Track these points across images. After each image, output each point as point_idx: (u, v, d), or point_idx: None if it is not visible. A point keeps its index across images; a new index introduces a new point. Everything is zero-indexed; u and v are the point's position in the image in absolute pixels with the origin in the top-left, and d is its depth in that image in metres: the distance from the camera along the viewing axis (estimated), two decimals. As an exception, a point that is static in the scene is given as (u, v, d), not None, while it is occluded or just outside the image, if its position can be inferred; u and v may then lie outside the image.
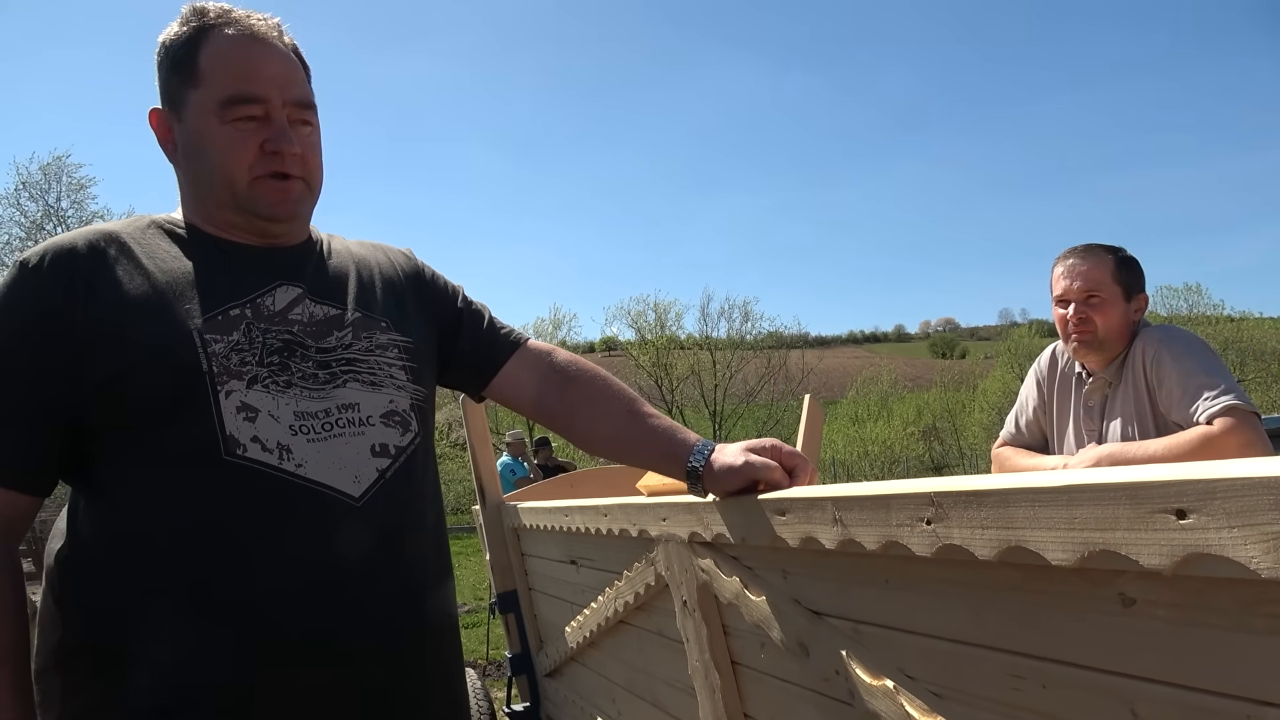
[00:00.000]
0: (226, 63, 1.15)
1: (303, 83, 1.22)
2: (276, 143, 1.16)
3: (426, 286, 1.41)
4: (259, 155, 1.16)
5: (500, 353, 1.43)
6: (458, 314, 1.43)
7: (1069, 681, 0.77)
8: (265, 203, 1.18)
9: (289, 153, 1.17)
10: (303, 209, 1.24)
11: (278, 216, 1.20)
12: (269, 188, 1.17)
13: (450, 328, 1.41)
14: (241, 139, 1.15)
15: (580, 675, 2.50)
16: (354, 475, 1.15)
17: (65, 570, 1.13)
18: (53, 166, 19.59)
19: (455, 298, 1.45)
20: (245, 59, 1.16)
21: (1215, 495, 0.58)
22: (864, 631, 1.06)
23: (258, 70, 1.16)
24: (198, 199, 1.22)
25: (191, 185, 1.22)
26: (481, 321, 1.45)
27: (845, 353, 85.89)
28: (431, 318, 1.38)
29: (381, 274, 1.34)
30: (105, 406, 1.09)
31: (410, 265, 1.42)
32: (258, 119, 1.16)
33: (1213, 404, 1.95)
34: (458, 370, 1.42)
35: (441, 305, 1.42)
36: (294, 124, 1.19)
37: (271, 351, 1.14)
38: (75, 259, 1.12)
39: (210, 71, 1.15)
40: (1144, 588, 0.68)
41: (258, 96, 1.15)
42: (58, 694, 1.11)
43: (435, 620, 1.24)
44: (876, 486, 0.93)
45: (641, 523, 1.63)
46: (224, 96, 1.14)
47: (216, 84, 1.15)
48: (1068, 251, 2.29)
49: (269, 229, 1.22)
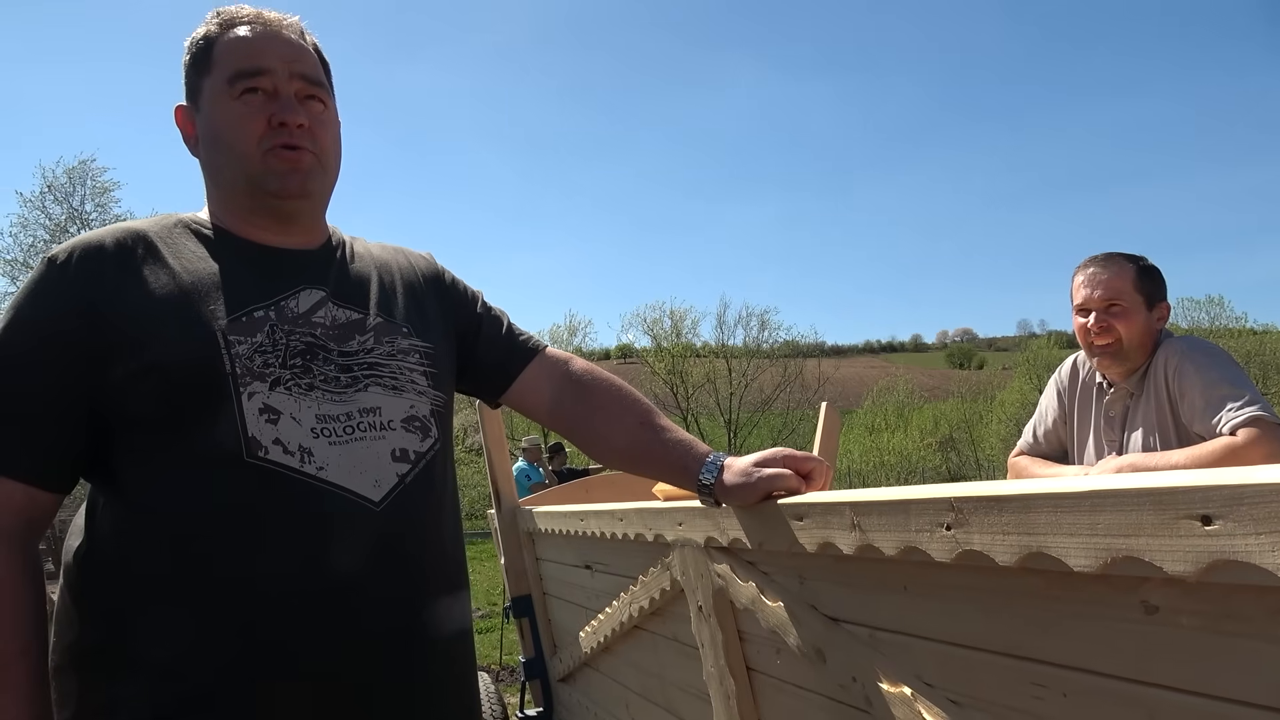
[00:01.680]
0: (235, 46, 1.19)
1: (313, 63, 1.23)
2: (282, 114, 1.17)
3: (447, 291, 1.42)
4: (267, 129, 1.17)
5: (518, 359, 1.43)
6: (477, 319, 1.43)
7: (1090, 690, 0.77)
8: (275, 174, 1.18)
9: (294, 123, 1.17)
10: (313, 184, 1.23)
11: (288, 190, 1.20)
12: (278, 158, 1.18)
13: (469, 333, 1.41)
14: (249, 113, 1.17)
15: (594, 680, 2.50)
16: (374, 479, 1.15)
17: (83, 569, 1.13)
18: (78, 170, 19.82)
19: (475, 303, 1.45)
20: (252, 41, 1.19)
21: (1242, 501, 0.57)
22: (881, 638, 1.05)
23: (263, 48, 1.19)
24: (219, 190, 1.23)
25: (212, 176, 1.24)
26: (500, 328, 1.45)
27: (861, 362, 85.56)
28: (451, 323, 1.38)
29: (403, 278, 1.35)
30: (128, 404, 1.09)
31: (431, 270, 1.42)
32: (265, 93, 1.18)
33: (1237, 415, 1.93)
34: (475, 376, 1.42)
35: (461, 310, 1.42)
36: (303, 101, 1.20)
37: (294, 354, 1.15)
38: (103, 256, 1.12)
39: (220, 56, 1.19)
40: (1167, 595, 0.68)
41: (261, 68, 1.17)
42: (73, 693, 1.11)
43: (449, 629, 1.24)
44: (895, 491, 0.92)
45: (657, 528, 1.62)
46: (231, 73, 1.17)
47: (225, 65, 1.18)
48: (1088, 260, 2.27)
49: (283, 208, 1.22)
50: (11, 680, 1.05)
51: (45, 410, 1.09)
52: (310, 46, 1.25)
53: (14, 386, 1.09)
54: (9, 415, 1.08)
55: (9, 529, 1.08)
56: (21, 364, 1.09)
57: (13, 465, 1.08)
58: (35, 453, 1.09)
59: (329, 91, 1.25)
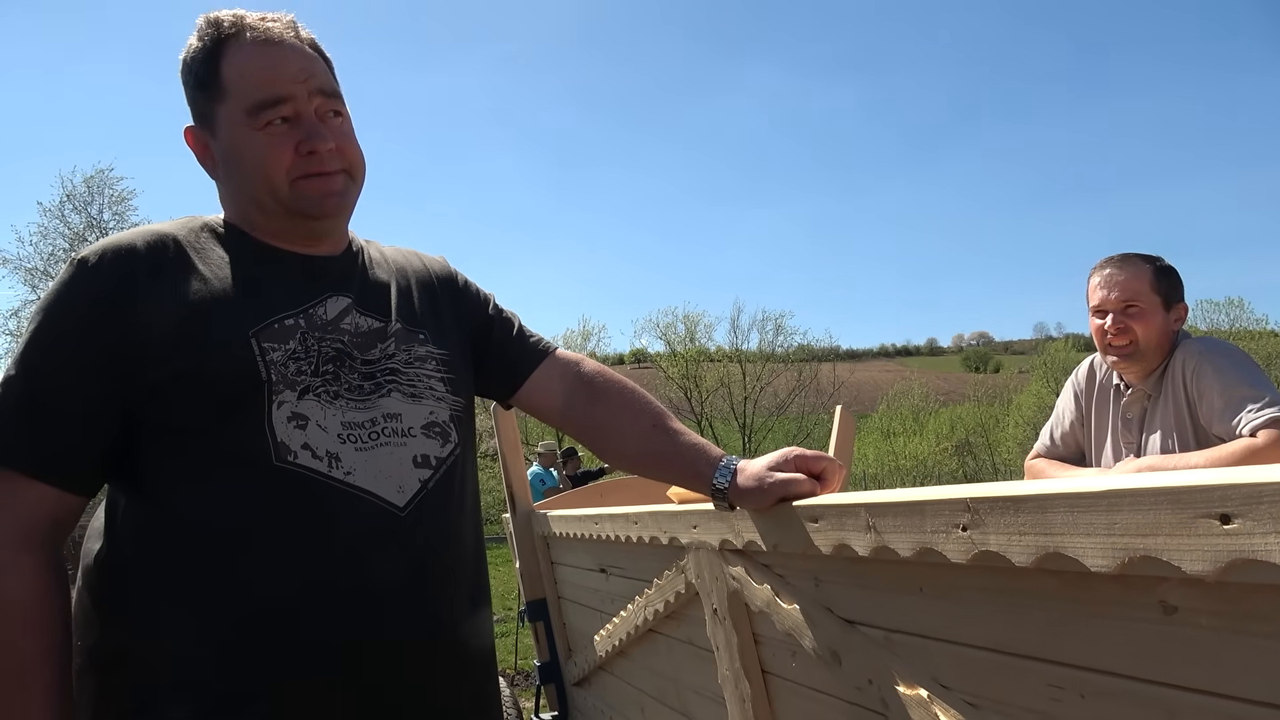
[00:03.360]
0: (247, 71, 1.16)
1: (324, 73, 1.21)
2: (311, 142, 1.16)
3: (460, 294, 1.43)
4: (295, 158, 1.16)
5: (529, 361, 1.43)
6: (489, 321, 1.44)
7: (1108, 691, 0.76)
8: (310, 200, 1.18)
9: (324, 150, 1.17)
10: (348, 201, 1.23)
11: (325, 213, 1.20)
12: (311, 185, 1.17)
13: (481, 335, 1.42)
14: (276, 143, 1.15)
15: (609, 684, 2.50)
16: (398, 485, 1.16)
17: (105, 571, 1.13)
18: (96, 179, 19.97)
19: (487, 305, 1.46)
20: (265, 64, 1.16)
21: (1261, 500, 0.57)
22: (897, 640, 1.05)
23: (278, 71, 1.16)
24: (242, 208, 1.22)
25: (234, 196, 1.23)
26: (511, 329, 1.46)
27: (876, 366, 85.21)
28: (466, 326, 1.39)
29: (419, 283, 1.35)
30: (157, 408, 1.09)
31: (445, 273, 1.43)
32: (288, 120, 1.16)
33: (1257, 416, 1.91)
34: (487, 377, 1.43)
35: (474, 313, 1.43)
36: (324, 116, 1.19)
37: (326, 360, 1.15)
38: (134, 258, 1.12)
39: (233, 83, 1.16)
40: (1186, 595, 0.67)
41: (282, 96, 1.15)
42: (91, 697, 1.11)
43: (471, 633, 1.24)
44: (911, 493, 0.92)
45: (672, 530, 1.62)
46: (250, 104, 1.15)
47: (241, 94, 1.15)
48: (1104, 261, 2.26)
49: (317, 228, 1.22)
50: (37, 682, 1.05)
51: (76, 413, 1.09)
52: (310, 46, 1.22)
53: (46, 389, 1.08)
54: (41, 418, 1.08)
55: (38, 531, 1.08)
56: (53, 366, 1.09)
57: (45, 468, 1.08)
58: (66, 455, 1.09)
59: (342, 96, 1.24)
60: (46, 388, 1.08)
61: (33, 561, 1.07)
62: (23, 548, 1.06)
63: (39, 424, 1.08)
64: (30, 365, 1.09)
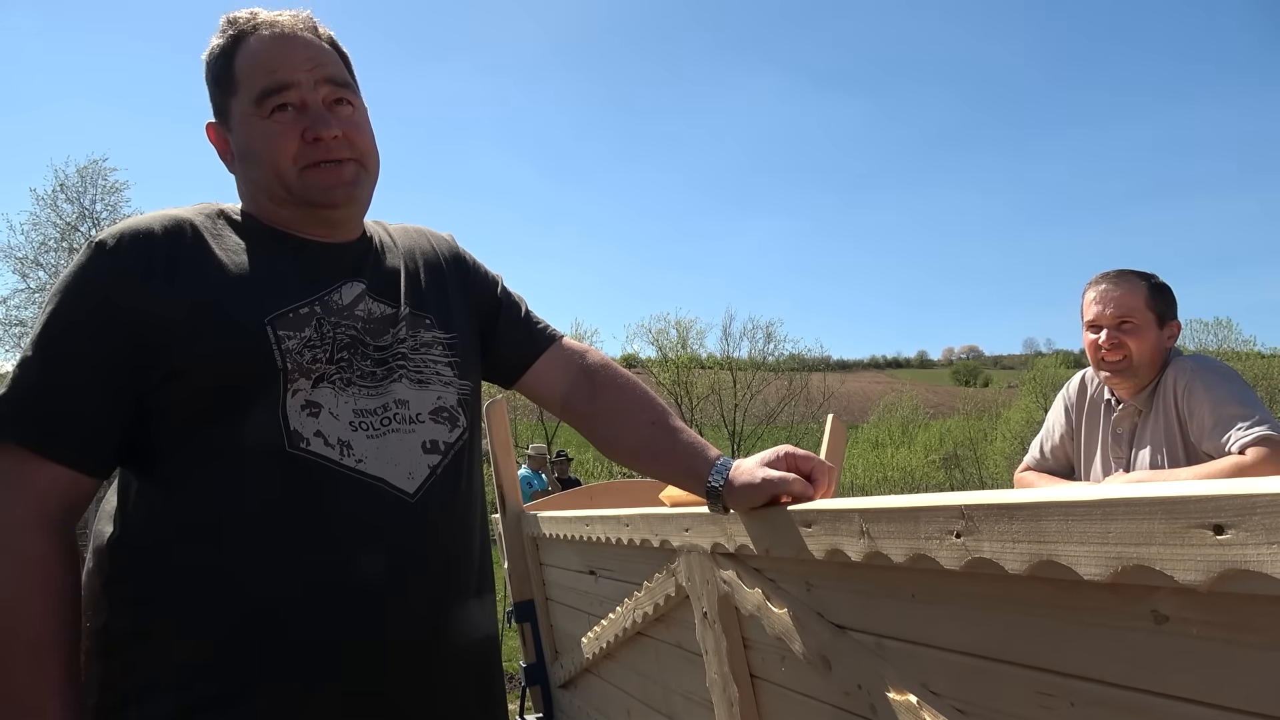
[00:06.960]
0: (255, 61, 1.17)
1: (335, 63, 1.22)
2: (315, 129, 1.16)
3: (468, 274, 1.42)
4: (302, 146, 1.16)
5: (535, 347, 1.43)
6: (496, 303, 1.44)
7: (1098, 700, 0.77)
8: (319, 189, 1.18)
9: (329, 136, 1.16)
10: (360, 191, 1.23)
11: (335, 202, 1.20)
12: (320, 174, 1.18)
13: (489, 317, 1.42)
14: (282, 131, 1.16)
15: (595, 687, 2.49)
16: (408, 471, 1.17)
17: (114, 555, 1.13)
18: (89, 170, 19.84)
19: (495, 287, 1.46)
20: (271, 53, 1.17)
21: (1255, 510, 0.58)
22: (888, 646, 1.05)
23: (283, 60, 1.17)
24: (256, 199, 1.23)
25: (248, 187, 1.24)
26: (518, 313, 1.46)
27: (867, 377, 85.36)
28: (473, 307, 1.39)
29: (426, 264, 1.35)
30: (172, 393, 1.09)
31: (453, 252, 1.43)
32: (294, 107, 1.16)
33: (1246, 434, 1.93)
34: (492, 361, 1.43)
35: (482, 294, 1.43)
36: (332, 106, 1.19)
37: (341, 347, 1.16)
38: (152, 242, 1.12)
39: (244, 75, 1.17)
40: (1178, 604, 0.68)
41: (286, 83, 1.16)
42: (96, 680, 1.10)
43: (478, 621, 1.25)
44: (905, 499, 0.92)
45: (663, 533, 1.62)
46: (257, 92, 1.16)
47: (250, 84, 1.17)
48: (1100, 277, 2.28)
49: (330, 216, 1.22)
50: (47, 663, 1.04)
51: (91, 396, 1.09)
52: (327, 42, 1.23)
53: (61, 371, 1.08)
54: (57, 400, 1.08)
55: (52, 513, 1.08)
56: (68, 350, 1.09)
57: (60, 449, 1.08)
58: (82, 437, 1.09)
59: (355, 88, 1.25)
60: (62, 370, 1.08)
61: (47, 541, 1.06)
62: (37, 527, 1.06)
63: (54, 406, 1.08)
64: (46, 347, 1.09)
